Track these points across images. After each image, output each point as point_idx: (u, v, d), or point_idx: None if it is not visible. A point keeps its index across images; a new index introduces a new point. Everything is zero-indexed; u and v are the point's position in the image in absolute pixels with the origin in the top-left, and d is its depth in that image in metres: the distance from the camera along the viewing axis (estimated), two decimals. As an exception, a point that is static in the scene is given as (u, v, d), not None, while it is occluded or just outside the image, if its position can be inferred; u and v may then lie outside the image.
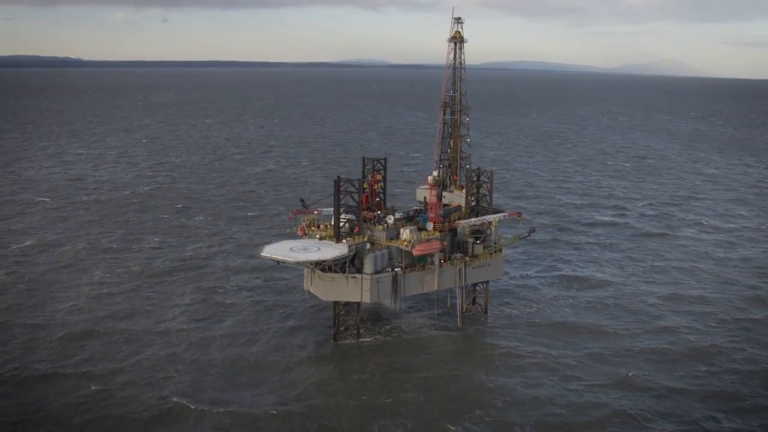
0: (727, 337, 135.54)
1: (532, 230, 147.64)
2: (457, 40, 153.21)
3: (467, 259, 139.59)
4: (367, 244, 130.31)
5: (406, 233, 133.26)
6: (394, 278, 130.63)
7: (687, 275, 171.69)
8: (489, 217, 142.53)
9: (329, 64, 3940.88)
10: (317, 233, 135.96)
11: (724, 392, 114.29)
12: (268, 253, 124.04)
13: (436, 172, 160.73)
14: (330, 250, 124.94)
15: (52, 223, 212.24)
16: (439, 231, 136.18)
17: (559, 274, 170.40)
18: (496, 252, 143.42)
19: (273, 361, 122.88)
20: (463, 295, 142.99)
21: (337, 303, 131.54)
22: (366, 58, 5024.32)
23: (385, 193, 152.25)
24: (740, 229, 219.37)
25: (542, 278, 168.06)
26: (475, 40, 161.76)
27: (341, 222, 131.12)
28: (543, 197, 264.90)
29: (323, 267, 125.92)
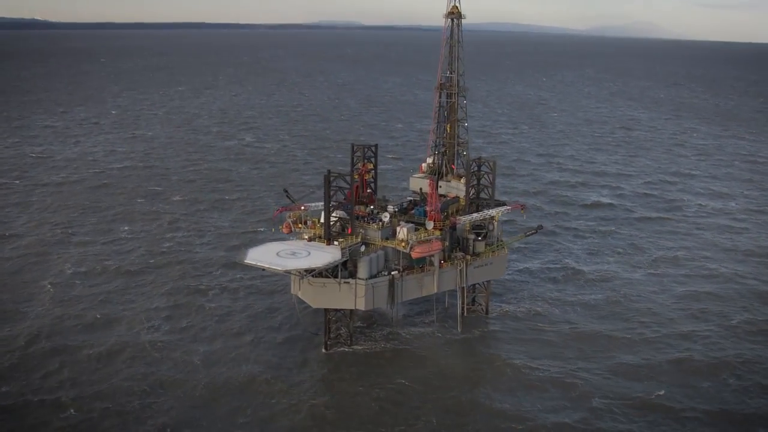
0: (748, 342, 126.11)
1: (539, 227, 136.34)
2: (455, 15, 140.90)
3: (468, 257, 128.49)
4: (361, 246, 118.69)
5: (403, 233, 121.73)
6: (391, 282, 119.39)
7: (695, 268, 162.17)
8: (491, 211, 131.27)
9: (302, 26, 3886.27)
10: (305, 232, 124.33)
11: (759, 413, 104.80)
12: (253, 259, 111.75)
13: (430, 159, 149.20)
14: (321, 255, 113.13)
15: (15, 209, 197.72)
16: (439, 229, 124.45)
17: (560, 267, 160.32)
18: (499, 249, 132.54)
19: (261, 381, 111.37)
20: (463, 296, 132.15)
21: (329, 310, 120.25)
22: (339, 20, 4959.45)
23: (376, 183, 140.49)
24: (743, 212, 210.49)
25: (543, 271, 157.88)
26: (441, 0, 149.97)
27: (331, 220, 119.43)
28: (534, 175, 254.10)
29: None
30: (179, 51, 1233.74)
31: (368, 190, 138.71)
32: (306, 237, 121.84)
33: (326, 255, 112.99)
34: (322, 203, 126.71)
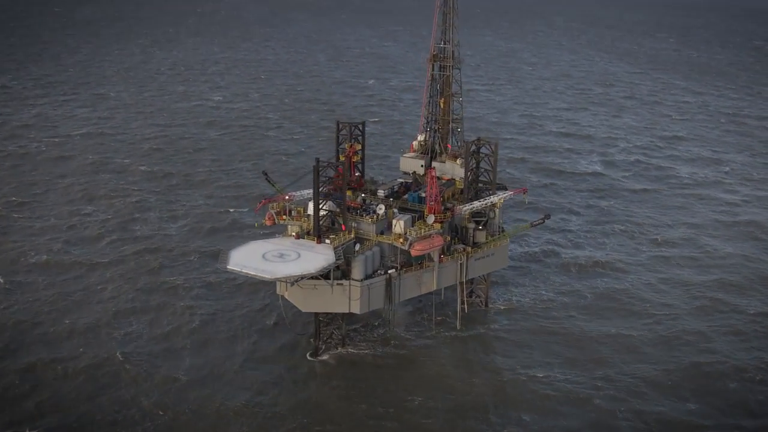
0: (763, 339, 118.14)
1: (546, 216, 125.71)
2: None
3: (469, 250, 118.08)
4: (356, 245, 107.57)
5: (399, 226, 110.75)
6: (388, 282, 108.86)
7: (698, 249, 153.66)
8: (493, 198, 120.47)
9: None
10: (290, 223, 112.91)
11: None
12: (237, 265, 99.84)
13: (421, 137, 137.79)
14: (312, 257, 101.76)
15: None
16: (440, 222, 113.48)
17: (558, 250, 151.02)
18: (501, 239, 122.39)
19: (246, 400, 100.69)
20: (463, 291, 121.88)
21: (320, 312, 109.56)
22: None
23: (363, 164, 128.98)
24: (737, 180, 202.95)
25: (540, 255, 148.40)
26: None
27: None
28: (519, 139, 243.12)
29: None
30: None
31: (356, 174, 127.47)
32: (293, 233, 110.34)
33: (318, 257, 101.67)
34: (308, 191, 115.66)
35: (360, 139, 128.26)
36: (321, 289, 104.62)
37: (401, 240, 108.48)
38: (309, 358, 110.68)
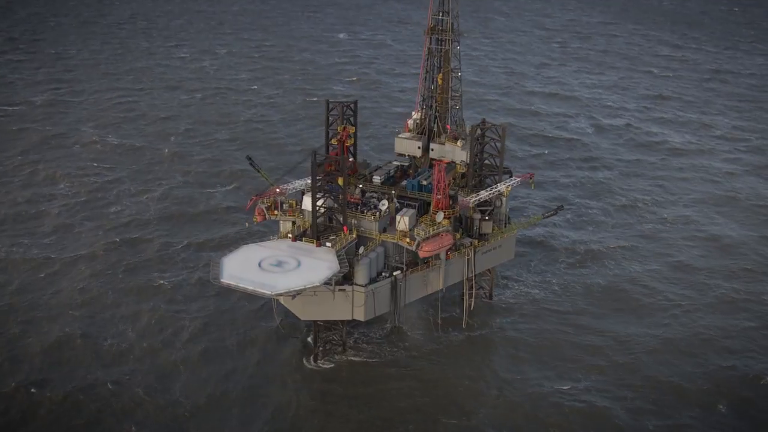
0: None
1: (559, 207, 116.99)
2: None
3: (476, 243, 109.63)
4: (361, 248, 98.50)
5: (404, 222, 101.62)
6: (394, 285, 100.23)
7: (702, 230, 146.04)
8: (500, 186, 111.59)
9: None
10: (282, 219, 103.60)
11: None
12: (232, 278, 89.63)
13: (416, 115, 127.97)
14: (315, 266, 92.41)
15: None
16: (448, 218, 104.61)
17: (559, 233, 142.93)
18: (509, 231, 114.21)
19: (238, 409, 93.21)
20: (473, 287, 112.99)
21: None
22: None
23: (355, 148, 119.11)
24: (731, 147, 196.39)
25: (542, 238, 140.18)
26: None
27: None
28: (502, 102, 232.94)
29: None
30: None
31: (350, 159, 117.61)
32: (290, 235, 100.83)
33: (320, 265, 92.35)
34: (300, 181, 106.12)
35: (353, 120, 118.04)
36: (321, 295, 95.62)
37: (408, 240, 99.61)
38: (307, 364, 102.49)
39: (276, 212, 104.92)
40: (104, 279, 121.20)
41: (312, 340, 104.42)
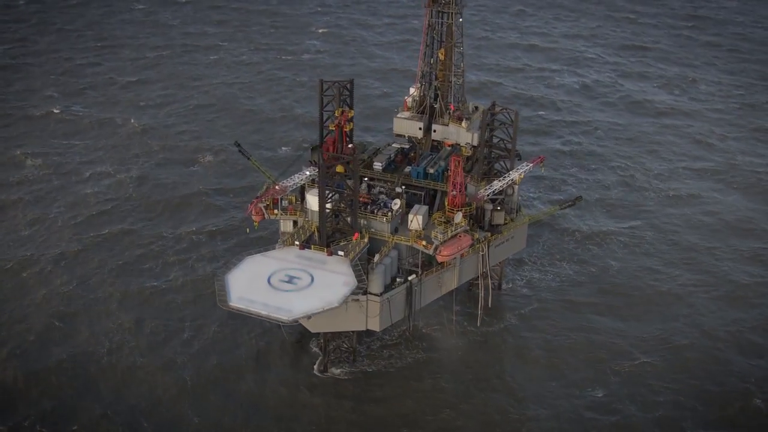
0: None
1: (578, 198, 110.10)
2: None
3: (489, 236, 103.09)
4: (375, 256, 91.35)
5: (417, 221, 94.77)
6: (409, 290, 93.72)
7: (706, 215, 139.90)
8: (513, 174, 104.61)
9: None
10: (283, 218, 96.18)
11: None
12: (241, 300, 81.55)
13: (415, 91, 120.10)
14: (330, 281, 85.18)
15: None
16: (465, 216, 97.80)
17: (565, 216, 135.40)
18: (521, 221, 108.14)
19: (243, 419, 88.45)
20: (488, 283, 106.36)
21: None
22: None
23: (352, 131, 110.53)
24: (721, 111, 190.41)
25: (549, 222, 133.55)
26: None
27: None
28: (481, 56, 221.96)
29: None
30: None
31: (349, 144, 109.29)
32: (294, 240, 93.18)
33: (337, 280, 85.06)
34: (297, 176, 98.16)
35: (349, 101, 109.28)
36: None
37: (424, 243, 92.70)
38: (317, 373, 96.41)
39: (276, 211, 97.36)
40: (91, 282, 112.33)
41: (320, 349, 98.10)
